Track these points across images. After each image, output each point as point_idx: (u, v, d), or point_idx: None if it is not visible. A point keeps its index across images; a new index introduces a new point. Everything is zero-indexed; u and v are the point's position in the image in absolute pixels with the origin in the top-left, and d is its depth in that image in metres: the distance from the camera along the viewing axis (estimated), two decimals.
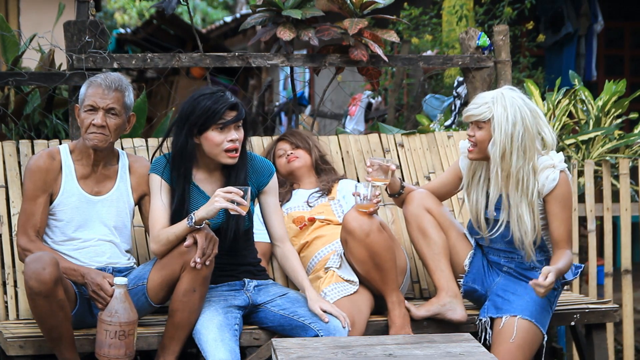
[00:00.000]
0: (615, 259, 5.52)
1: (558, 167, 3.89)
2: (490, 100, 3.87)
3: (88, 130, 3.80)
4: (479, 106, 3.89)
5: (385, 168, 3.95)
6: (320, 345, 3.32)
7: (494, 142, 3.85)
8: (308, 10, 4.67)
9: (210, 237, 3.66)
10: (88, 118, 3.79)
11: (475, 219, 4.04)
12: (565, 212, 3.91)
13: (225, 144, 3.77)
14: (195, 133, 3.78)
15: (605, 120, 5.48)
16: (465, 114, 3.94)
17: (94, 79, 3.84)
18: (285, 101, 11.07)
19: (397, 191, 4.12)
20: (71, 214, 3.84)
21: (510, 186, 3.89)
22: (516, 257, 4.04)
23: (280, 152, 4.47)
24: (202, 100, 3.76)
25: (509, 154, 3.84)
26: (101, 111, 3.79)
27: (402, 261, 4.15)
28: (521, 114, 3.84)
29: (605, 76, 8.07)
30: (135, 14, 22.08)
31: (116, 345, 3.60)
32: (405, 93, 8.18)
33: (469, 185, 4.04)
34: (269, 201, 4.00)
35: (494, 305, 3.99)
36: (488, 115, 3.86)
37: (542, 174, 3.89)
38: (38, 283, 3.48)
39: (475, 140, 3.90)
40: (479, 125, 3.90)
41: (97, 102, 3.79)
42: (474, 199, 4.02)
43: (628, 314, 5.16)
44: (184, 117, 3.79)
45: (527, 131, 3.84)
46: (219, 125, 3.76)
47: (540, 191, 3.89)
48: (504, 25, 5.06)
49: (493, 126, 3.85)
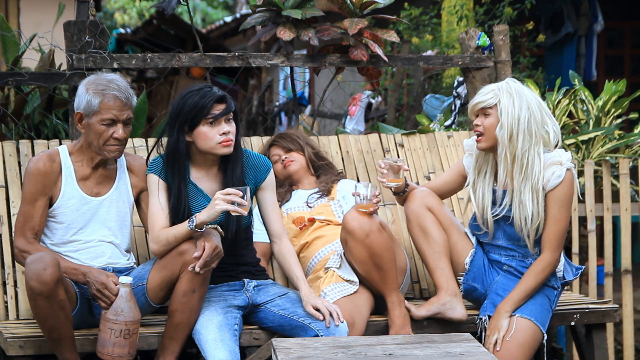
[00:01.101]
0: (615, 259, 5.52)
1: (565, 165, 3.91)
2: (496, 88, 3.96)
3: (108, 143, 3.79)
4: (485, 94, 3.96)
5: (396, 168, 3.98)
6: (320, 345, 3.32)
7: (501, 126, 3.90)
8: (308, 10, 4.67)
9: (217, 252, 3.66)
10: (107, 131, 3.77)
11: (481, 215, 4.05)
12: (562, 211, 3.92)
13: (217, 137, 3.77)
14: (186, 130, 3.79)
15: (605, 120, 5.48)
16: (471, 105, 3.99)
17: (106, 91, 3.76)
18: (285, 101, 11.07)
19: (402, 189, 4.13)
20: (72, 216, 3.84)
21: (515, 170, 3.92)
22: (517, 255, 4.04)
23: (275, 158, 4.47)
24: (189, 98, 3.77)
25: (515, 136, 3.89)
26: (120, 124, 3.78)
27: (402, 261, 4.15)
28: (527, 99, 3.91)
29: (605, 76, 8.07)
30: (135, 14, 22.08)
31: (121, 344, 3.60)
32: (405, 93, 8.17)
33: (474, 181, 4.06)
34: (266, 197, 4.00)
35: (493, 304, 3.99)
36: (494, 100, 3.92)
37: (549, 170, 3.91)
38: (39, 283, 3.48)
39: (482, 128, 3.94)
40: (485, 113, 3.95)
41: (118, 116, 3.76)
42: (480, 194, 4.03)
43: (628, 314, 5.16)
44: (173, 116, 3.80)
45: (533, 115, 3.89)
46: (208, 119, 3.76)
47: (544, 186, 3.91)
48: (504, 25, 5.06)
49: (500, 110, 3.90)
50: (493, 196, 4.02)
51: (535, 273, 3.93)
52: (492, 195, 4.01)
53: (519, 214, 3.94)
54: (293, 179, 4.45)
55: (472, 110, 4.00)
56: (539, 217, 3.92)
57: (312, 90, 11.46)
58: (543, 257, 3.95)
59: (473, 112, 4.00)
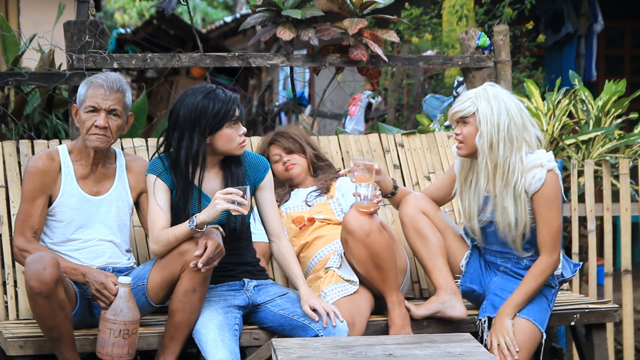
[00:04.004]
0: (615, 259, 5.52)
1: (545, 166, 3.89)
2: (473, 96, 3.92)
3: (90, 132, 3.79)
4: (463, 102, 3.93)
5: (369, 167, 3.95)
6: (320, 345, 3.32)
7: (480, 135, 3.87)
8: (308, 10, 4.67)
9: (220, 250, 3.66)
10: (89, 119, 3.78)
11: (468, 223, 4.04)
12: (550, 212, 3.90)
13: (238, 138, 3.83)
14: (207, 134, 3.80)
15: (605, 120, 5.48)
16: (450, 114, 3.97)
17: (94, 79, 3.82)
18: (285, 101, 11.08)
19: (390, 191, 4.12)
20: (71, 214, 3.84)
21: (497, 177, 3.90)
22: (512, 257, 4.04)
23: (276, 158, 4.45)
24: (208, 102, 3.78)
25: (496, 145, 3.86)
26: (103, 112, 3.78)
27: (402, 261, 4.15)
28: (505, 105, 3.87)
29: (605, 76, 8.07)
30: (135, 14, 22.08)
31: (120, 344, 3.61)
32: (405, 93, 8.17)
33: (461, 188, 4.05)
34: (264, 197, 4.01)
35: (492, 304, 3.99)
36: (472, 109, 3.89)
37: (530, 173, 3.88)
38: (39, 283, 3.48)
39: (462, 137, 3.92)
40: (464, 121, 3.93)
41: (100, 103, 3.78)
42: (466, 203, 4.03)
43: (628, 314, 5.16)
44: (191, 121, 3.78)
45: (513, 120, 3.86)
46: (232, 121, 3.81)
47: (527, 190, 3.89)
48: (504, 25, 5.05)
49: (478, 119, 3.87)
50: (479, 204, 4.00)
51: (535, 276, 3.93)
52: (478, 203, 3.99)
53: (502, 220, 3.92)
54: (294, 182, 4.45)
55: (451, 119, 3.99)
56: (523, 222, 3.90)
57: (312, 90, 11.46)
58: (541, 260, 3.94)
59: (452, 120, 3.99)
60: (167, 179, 3.84)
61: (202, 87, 3.85)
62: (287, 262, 3.97)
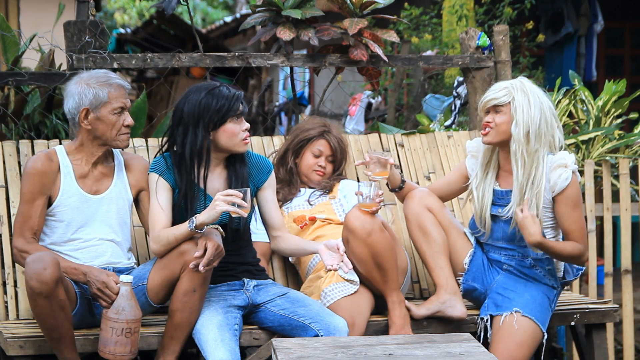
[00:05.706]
0: (615, 259, 5.52)
1: (570, 167, 3.91)
2: (509, 86, 3.94)
3: (120, 132, 3.83)
4: (498, 91, 3.94)
5: (383, 161, 3.97)
6: (320, 345, 3.32)
7: (516, 123, 3.88)
8: (308, 10, 4.67)
9: (220, 251, 3.66)
10: (119, 120, 3.82)
11: (479, 215, 4.04)
12: (576, 212, 3.93)
13: (241, 134, 3.84)
14: (211, 129, 3.81)
15: (605, 120, 5.48)
16: (483, 101, 3.97)
17: (111, 81, 3.82)
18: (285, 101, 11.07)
19: (397, 185, 4.13)
20: (72, 214, 3.84)
21: (524, 170, 3.90)
22: (517, 255, 4.04)
23: (316, 152, 4.44)
24: (212, 98, 3.80)
25: (529, 135, 3.88)
26: (127, 111, 3.84)
27: (403, 261, 4.15)
28: (540, 100, 3.91)
29: (605, 76, 8.08)
30: (135, 14, 22.08)
31: (122, 343, 3.61)
32: (405, 93, 8.17)
33: (478, 180, 4.04)
34: (267, 197, 4.02)
35: (494, 303, 3.99)
36: (507, 98, 3.91)
37: (555, 172, 3.90)
38: (39, 283, 3.48)
39: (494, 124, 3.93)
40: (497, 110, 3.93)
41: (126, 103, 3.84)
42: (480, 193, 4.02)
43: (628, 314, 5.17)
44: (195, 116, 3.79)
45: (544, 117, 3.89)
46: (235, 116, 3.82)
47: (552, 189, 3.90)
48: (504, 25, 5.05)
49: (514, 108, 3.89)
50: (494, 196, 4.01)
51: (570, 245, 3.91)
52: (492, 195, 4.01)
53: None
54: (309, 185, 4.46)
55: (483, 107, 3.99)
56: (539, 219, 3.91)
57: (312, 90, 11.46)
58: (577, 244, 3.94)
59: (484, 108, 3.99)
60: (170, 178, 3.84)
61: (207, 84, 3.88)
62: (297, 242, 4.02)
